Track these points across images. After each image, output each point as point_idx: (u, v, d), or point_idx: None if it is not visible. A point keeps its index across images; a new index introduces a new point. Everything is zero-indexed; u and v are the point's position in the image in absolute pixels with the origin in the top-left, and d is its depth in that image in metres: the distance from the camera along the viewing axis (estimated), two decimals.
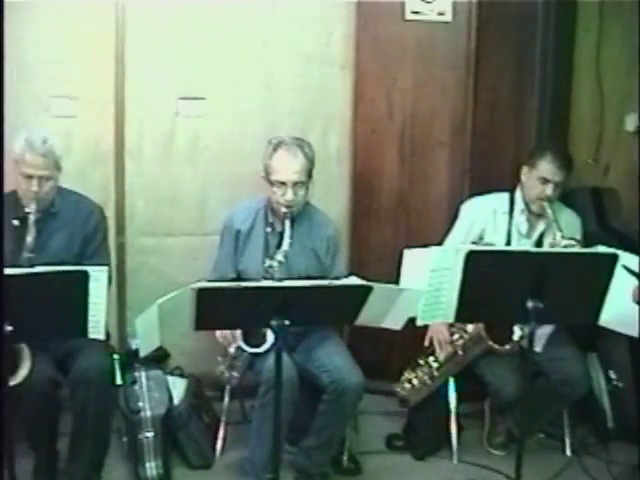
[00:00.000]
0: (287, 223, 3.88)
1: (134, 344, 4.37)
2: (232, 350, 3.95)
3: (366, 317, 3.17)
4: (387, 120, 4.78)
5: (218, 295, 3.01)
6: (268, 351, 3.78)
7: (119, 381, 4.12)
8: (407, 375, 4.37)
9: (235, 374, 4.03)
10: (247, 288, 3.05)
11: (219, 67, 4.57)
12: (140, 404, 4.11)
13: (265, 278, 3.78)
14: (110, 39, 4.42)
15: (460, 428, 4.38)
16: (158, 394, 4.17)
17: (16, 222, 3.86)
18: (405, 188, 4.85)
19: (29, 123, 4.21)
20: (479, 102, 4.68)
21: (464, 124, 4.69)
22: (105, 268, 3.10)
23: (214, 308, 3.01)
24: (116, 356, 4.14)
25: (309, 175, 4.00)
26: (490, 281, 3.20)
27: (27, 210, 3.78)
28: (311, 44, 4.65)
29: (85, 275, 3.04)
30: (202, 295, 2.94)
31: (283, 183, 3.92)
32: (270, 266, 3.86)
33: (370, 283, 3.07)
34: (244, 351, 3.90)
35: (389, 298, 3.12)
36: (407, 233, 4.83)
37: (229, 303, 3.02)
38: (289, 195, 3.91)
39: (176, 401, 4.24)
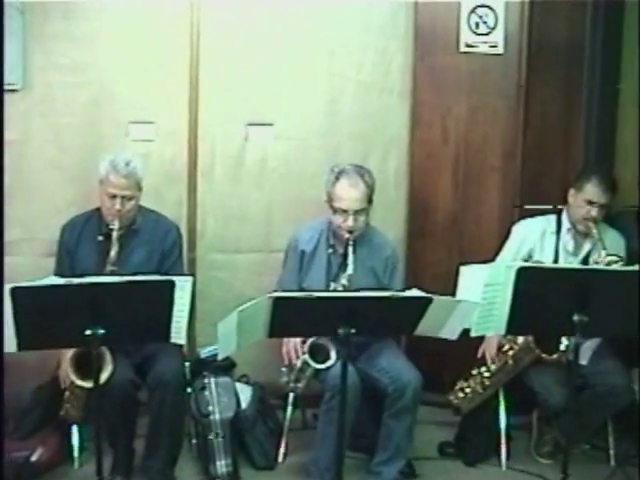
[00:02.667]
0: (350, 249, 4.06)
1: (203, 353, 4.51)
2: (299, 364, 4.15)
3: (425, 327, 3.33)
4: (442, 145, 4.99)
5: (292, 304, 3.20)
6: (331, 367, 3.99)
7: (188, 389, 4.32)
8: (460, 385, 4.49)
9: (300, 385, 4.24)
10: (319, 298, 3.25)
11: (286, 95, 4.76)
12: (210, 408, 4.27)
13: None
14: (185, 67, 4.63)
15: (509, 438, 4.52)
16: (227, 399, 4.33)
17: (100, 238, 4.13)
18: (459, 210, 5.04)
19: (110, 146, 4.49)
20: (529, 129, 4.89)
21: (515, 150, 4.90)
22: (190, 278, 3.30)
23: (287, 316, 3.19)
24: (187, 363, 4.32)
25: (369, 201, 4.16)
26: (539, 296, 3.34)
27: (111, 227, 4.02)
28: (371, 73, 4.83)
29: (172, 284, 3.24)
30: (278, 303, 3.14)
31: (345, 211, 4.10)
32: (335, 289, 4.05)
33: (430, 295, 3.25)
34: (309, 366, 4.11)
35: (447, 309, 3.29)
36: (460, 253, 4.97)
37: (301, 311, 3.22)
38: (350, 222, 4.09)
39: (243, 405, 4.41)
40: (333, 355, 4.00)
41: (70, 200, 4.53)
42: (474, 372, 4.45)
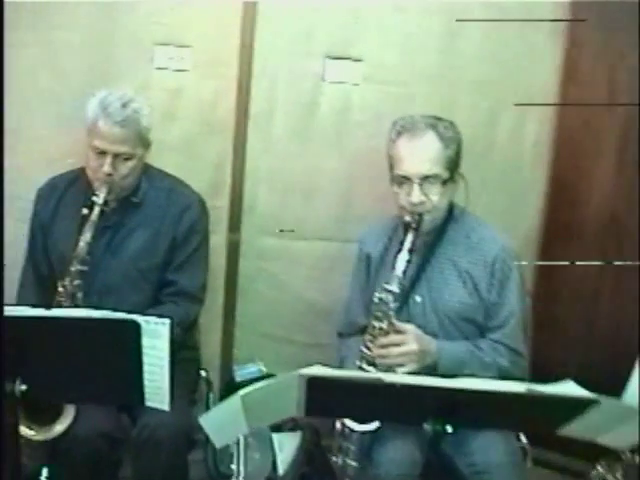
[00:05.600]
0: (409, 237, 2.97)
1: (239, 375, 3.78)
2: (338, 427, 3.07)
3: (575, 428, 2.20)
4: (607, 110, 3.98)
5: (338, 387, 2.06)
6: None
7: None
8: (599, 470, 3.35)
9: (350, 461, 3.09)
10: (387, 385, 2.01)
11: (383, 21, 3.78)
12: (233, 467, 3.47)
13: (376, 318, 2.91)
14: None
15: None
16: (259, 456, 3.53)
17: (86, 210, 3.09)
18: (620, 203, 4.03)
19: (126, 76, 3.61)
20: None
21: None
22: (167, 321, 2.19)
23: (334, 399, 2.14)
24: (211, 395, 3.56)
25: (449, 167, 3.08)
26: None
27: (94, 198, 3.03)
28: None
29: (135, 327, 2.13)
30: (314, 384, 2.02)
31: (407, 178, 3.05)
32: (380, 300, 2.95)
33: (595, 396, 2.03)
34: (353, 430, 3.01)
35: (619, 416, 2.13)
36: (619, 265, 4.03)
37: (356, 396, 2.11)
38: (415, 195, 3.00)
39: (281, 470, 3.54)
40: None
41: (66, 149, 3.60)
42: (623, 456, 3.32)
